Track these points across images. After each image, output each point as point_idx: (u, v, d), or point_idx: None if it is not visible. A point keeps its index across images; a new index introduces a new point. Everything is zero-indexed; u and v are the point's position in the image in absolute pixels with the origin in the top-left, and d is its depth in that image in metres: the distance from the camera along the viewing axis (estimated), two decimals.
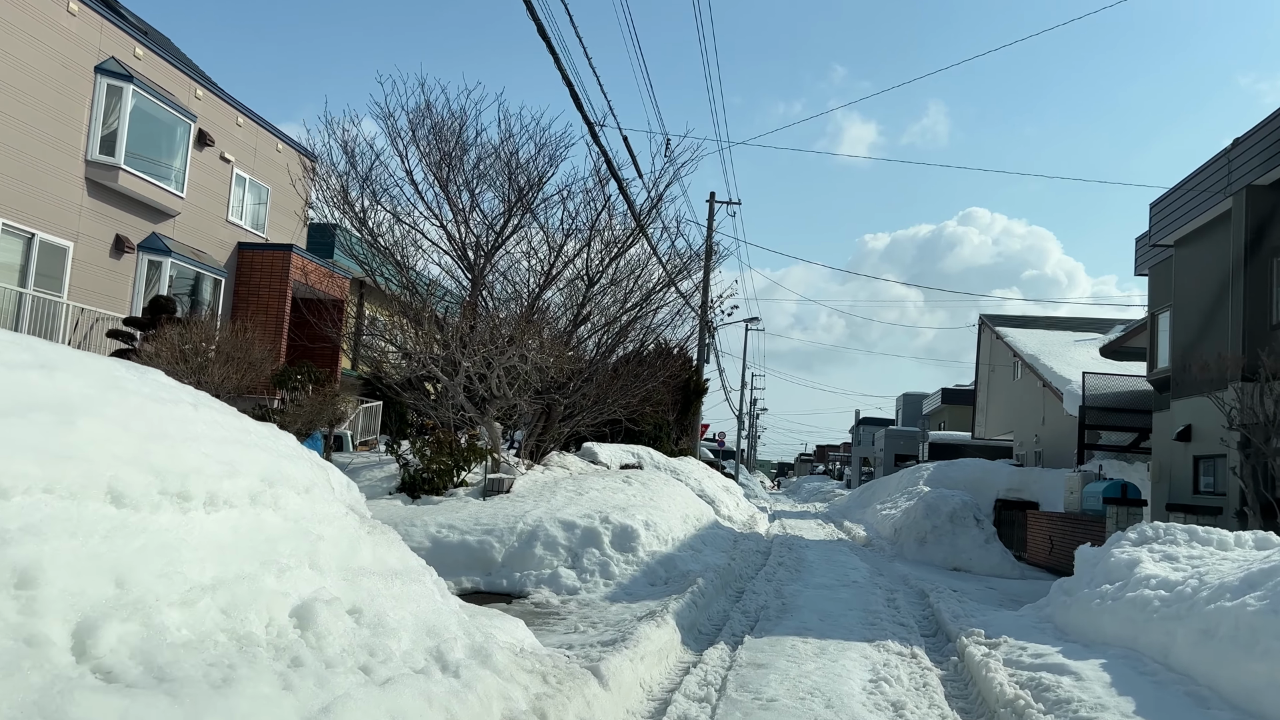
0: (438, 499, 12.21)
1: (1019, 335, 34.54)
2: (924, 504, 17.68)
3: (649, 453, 25.11)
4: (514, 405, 13.76)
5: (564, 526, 10.96)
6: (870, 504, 28.73)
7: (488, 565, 10.54)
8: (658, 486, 14.23)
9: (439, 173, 14.11)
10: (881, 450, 61.80)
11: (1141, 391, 26.08)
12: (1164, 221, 20.16)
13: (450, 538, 10.65)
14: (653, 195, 15.37)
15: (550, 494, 12.44)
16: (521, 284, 16.16)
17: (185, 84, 21.49)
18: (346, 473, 13.75)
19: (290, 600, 3.51)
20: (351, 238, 16.22)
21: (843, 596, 10.00)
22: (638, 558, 10.89)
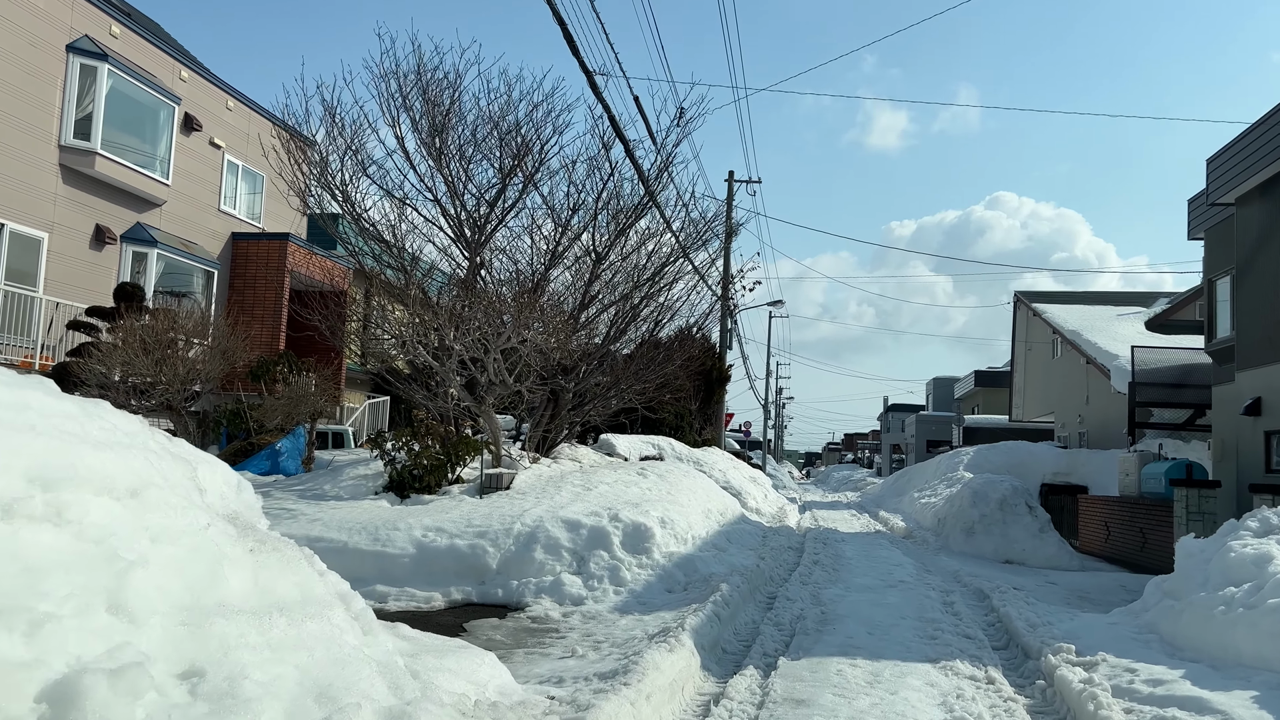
0: (428, 498, 10.90)
1: (1058, 311, 32.79)
2: (970, 491, 16.19)
3: (670, 444, 23.74)
4: (516, 393, 12.41)
5: (568, 526, 9.60)
6: (906, 492, 27.20)
7: (480, 573, 9.21)
8: (676, 479, 12.84)
9: (430, 141, 12.76)
10: (913, 437, 60.15)
11: (1197, 364, 24.35)
12: (1223, 177, 18.47)
13: (437, 542, 9.33)
14: (662, 155, 13.96)
15: (555, 490, 11.08)
16: (524, 262, 14.79)
17: (168, 65, 20.29)
18: (328, 470, 12.52)
19: (43, 673, 2.19)
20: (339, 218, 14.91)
21: (891, 601, 8.59)
22: (652, 560, 9.51)
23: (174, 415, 11.85)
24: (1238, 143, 17.93)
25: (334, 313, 12.64)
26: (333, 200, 12.88)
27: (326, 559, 9.45)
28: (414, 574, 9.16)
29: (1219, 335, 20.20)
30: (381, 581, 9.05)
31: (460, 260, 13.86)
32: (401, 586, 8.98)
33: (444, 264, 14.68)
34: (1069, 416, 31.42)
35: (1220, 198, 18.63)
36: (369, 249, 13.21)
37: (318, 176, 12.62)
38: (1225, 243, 19.57)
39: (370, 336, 11.91)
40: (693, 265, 15.16)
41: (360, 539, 9.34)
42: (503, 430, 17.05)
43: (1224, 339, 19.78)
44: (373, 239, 12.86)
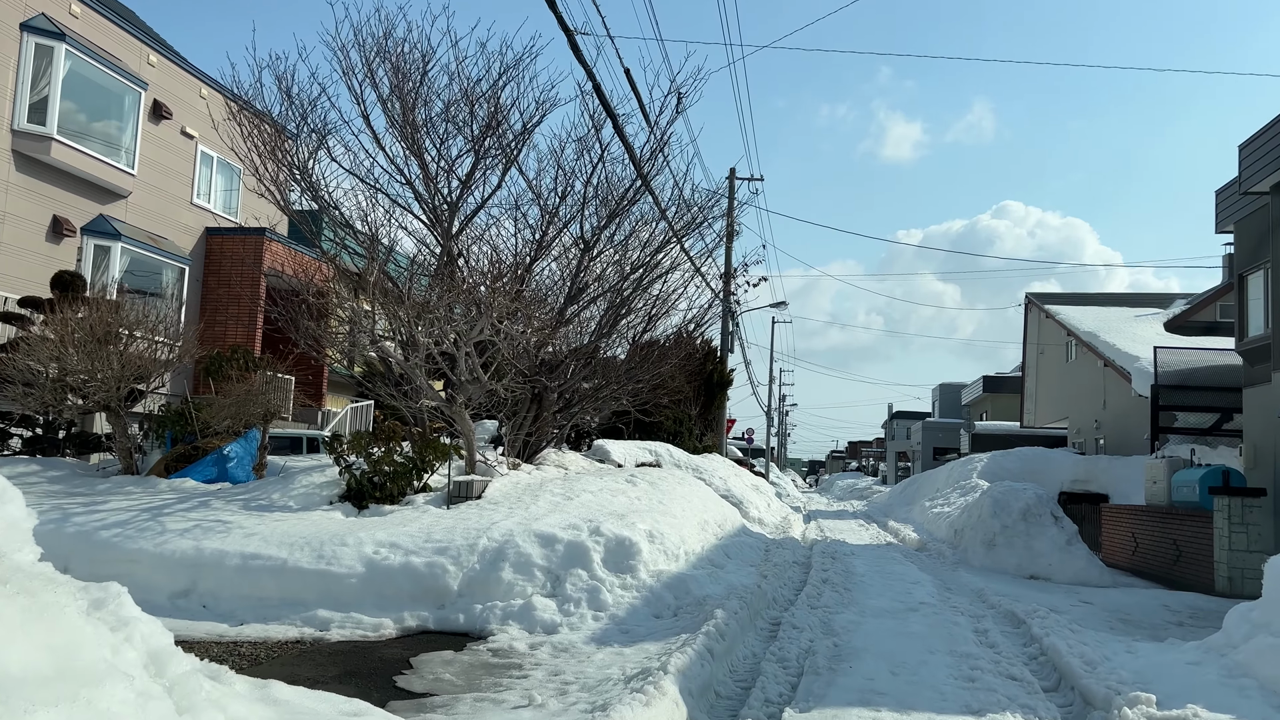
0: (389, 509, 9.69)
1: (1072, 313, 31.53)
2: (990, 500, 14.93)
3: (668, 450, 22.51)
4: (492, 393, 11.20)
5: (542, 541, 8.38)
6: (916, 501, 25.96)
7: (439, 595, 7.99)
8: (669, 486, 11.62)
9: (397, 114, 11.58)
10: (919, 444, 58.84)
11: (1224, 366, 23.11)
12: (1258, 164, 17.24)
13: (391, 560, 8.11)
14: (655, 134, 12.76)
15: (531, 499, 9.87)
16: (507, 250, 13.59)
17: (135, 48, 19.16)
18: (280, 477, 11.33)
19: None
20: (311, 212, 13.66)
21: (915, 629, 7.37)
22: (638, 580, 8.29)
23: (112, 416, 10.67)
24: (1274, 125, 16.72)
25: (297, 307, 11.44)
26: (290, 179, 11.69)
27: (261, 579, 8.27)
28: (363, 596, 7.95)
29: (1251, 334, 18.94)
30: (325, 605, 7.85)
31: (436, 248, 12.66)
32: (348, 611, 7.77)
33: (420, 255, 13.49)
34: (1085, 422, 30.14)
35: (1254, 185, 17.39)
36: (330, 229, 12.02)
37: (270, 152, 11.43)
38: (1259, 234, 18.35)
39: (329, 330, 10.71)
40: (685, 253, 13.95)
41: (302, 556, 8.14)
42: (485, 434, 15.85)
43: (1257, 337, 18.52)
44: (339, 225, 11.68)
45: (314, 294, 10.97)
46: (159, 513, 9.04)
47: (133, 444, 11.03)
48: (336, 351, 10.95)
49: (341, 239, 11.90)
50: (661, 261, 13.62)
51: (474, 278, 10.60)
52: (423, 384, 10.62)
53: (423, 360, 10.49)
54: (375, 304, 10.19)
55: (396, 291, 10.10)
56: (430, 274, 11.62)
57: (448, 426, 11.65)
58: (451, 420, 11.25)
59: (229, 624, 7.60)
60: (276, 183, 11.65)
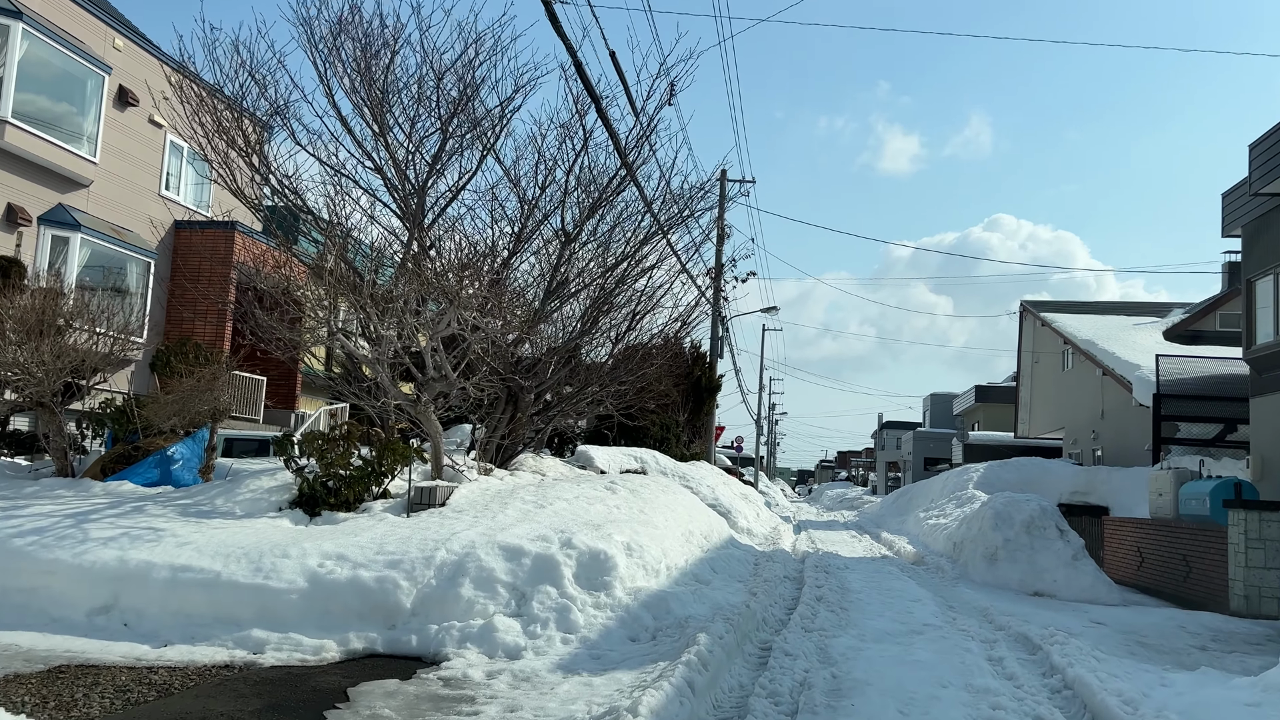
0: (343, 516, 8.85)
1: (1068, 321, 30.88)
2: (992, 512, 14.15)
3: (654, 457, 21.69)
4: (461, 391, 10.37)
5: (507, 554, 7.55)
6: (909, 512, 25.18)
7: (390, 614, 7.15)
8: (652, 495, 10.80)
9: (360, 90, 10.76)
10: (910, 454, 58.20)
11: (1228, 375, 22.44)
12: (1269, 164, 16.57)
13: (338, 574, 7.27)
14: (641, 122, 11.96)
15: (500, 507, 9.03)
16: (481, 240, 12.76)
17: (100, 31, 18.30)
18: (227, 481, 10.49)
19: None
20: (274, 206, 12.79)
21: (922, 656, 6.57)
22: (614, 598, 7.46)
23: (45, 413, 9.80)
24: None
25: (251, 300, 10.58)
26: (240, 158, 10.85)
27: (191, 594, 7.37)
28: (304, 614, 7.10)
29: (1259, 341, 18.25)
30: (262, 624, 7.00)
31: (405, 237, 11.82)
32: (286, 631, 6.92)
33: (389, 247, 12.64)
34: (1082, 432, 29.44)
35: (1264, 187, 16.72)
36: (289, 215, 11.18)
37: (218, 128, 10.60)
38: (1269, 237, 17.69)
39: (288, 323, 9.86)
40: (671, 248, 13.15)
41: (238, 569, 7.28)
42: (463, 438, 14.99)
43: (1266, 345, 17.84)
44: (297, 209, 10.86)
45: (279, 290, 10.11)
46: (85, 519, 8.17)
47: (70, 443, 10.17)
48: (292, 344, 10.10)
49: (302, 225, 11.06)
50: (646, 256, 12.84)
51: (443, 265, 9.76)
52: (386, 381, 9.79)
53: (387, 355, 9.66)
54: (334, 292, 9.37)
55: (354, 279, 9.26)
56: (398, 266, 10.78)
57: (415, 428, 10.81)
58: (418, 421, 10.41)
59: (151, 645, 6.74)
60: (226, 162, 10.82)
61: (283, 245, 10.68)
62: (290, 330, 9.47)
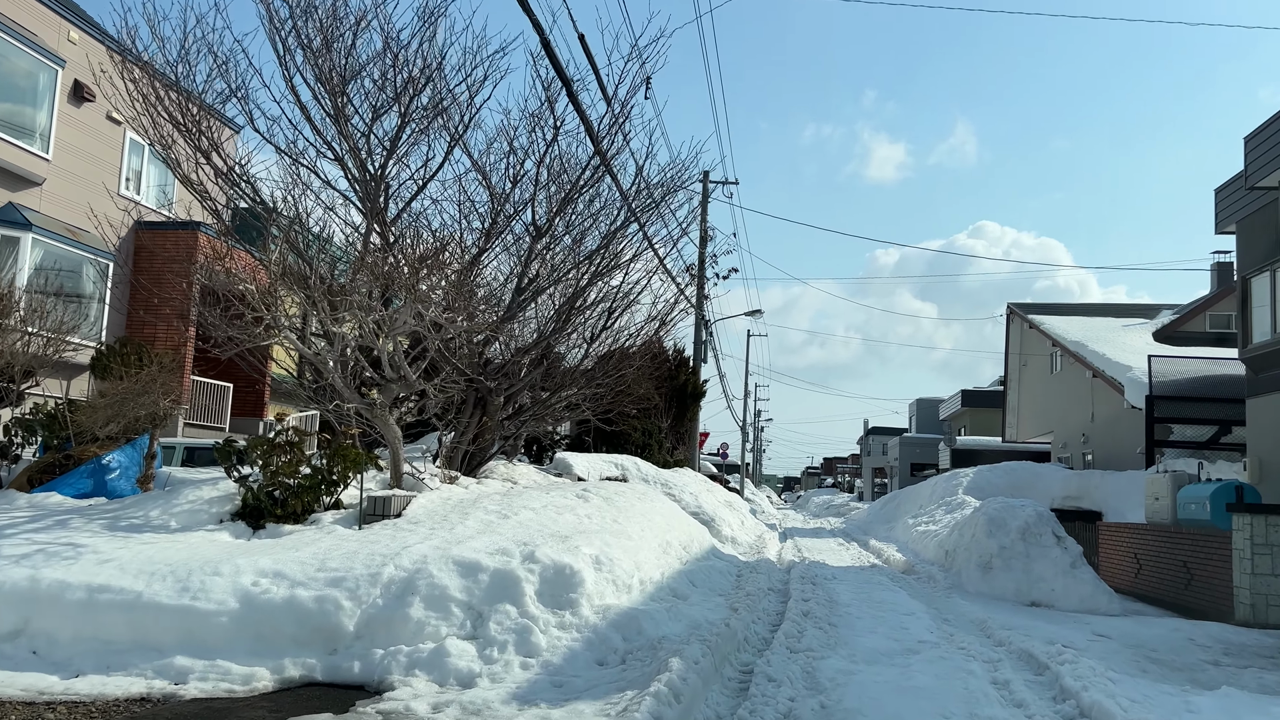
0: (289, 529, 8.14)
1: (1057, 323, 30.39)
2: (985, 518, 13.53)
3: (635, 463, 21.03)
4: (422, 393, 9.68)
5: (462, 570, 6.85)
6: (898, 518, 24.58)
7: (331, 637, 6.44)
8: (627, 502, 10.12)
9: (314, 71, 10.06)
10: (896, 460, 57.76)
11: (1222, 376, 21.96)
12: (1265, 156, 16.08)
13: (273, 593, 6.55)
14: (614, 108, 11.30)
15: (460, 518, 8.33)
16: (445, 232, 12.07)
17: (52, 22, 17.54)
18: (167, 487, 9.76)
19: None
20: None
21: (920, 681, 5.92)
22: (580, 617, 6.78)
23: None
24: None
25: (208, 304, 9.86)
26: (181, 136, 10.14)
27: (109, 618, 6.56)
28: (235, 639, 6.39)
29: (1255, 340, 17.74)
30: (187, 650, 6.28)
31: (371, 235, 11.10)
32: (213, 658, 6.21)
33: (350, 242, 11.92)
34: (1071, 435, 28.93)
35: (1261, 180, 16.23)
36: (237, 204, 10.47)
37: (157, 101, 9.90)
38: (1265, 233, 17.20)
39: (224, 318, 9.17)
40: (647, 238, 12.47)
41: (162, 588, 6.56)
42: (424, 446, 14.27)
43: (1263, 344, 17.32)
44: (243, 195, 10.15)
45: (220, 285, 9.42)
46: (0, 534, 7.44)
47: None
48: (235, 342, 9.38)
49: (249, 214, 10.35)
50: (623, 250, 12.16)
51: (401, 257, 9.06)
52: (340, 382, 9.08)
53: (339, 354, 8.97)
54: (276, 285, 8.69)
55: (303, 270, 8.57)
56: (356, 260, 10.08)
57: (370, 432, 10.11)
58: (374, 426, 9.71)
59: (60, 675, 6.02)
60: (163, 142, 10.13)
61: (222, 234, 9.98)
62: (231, 326, 8.77)
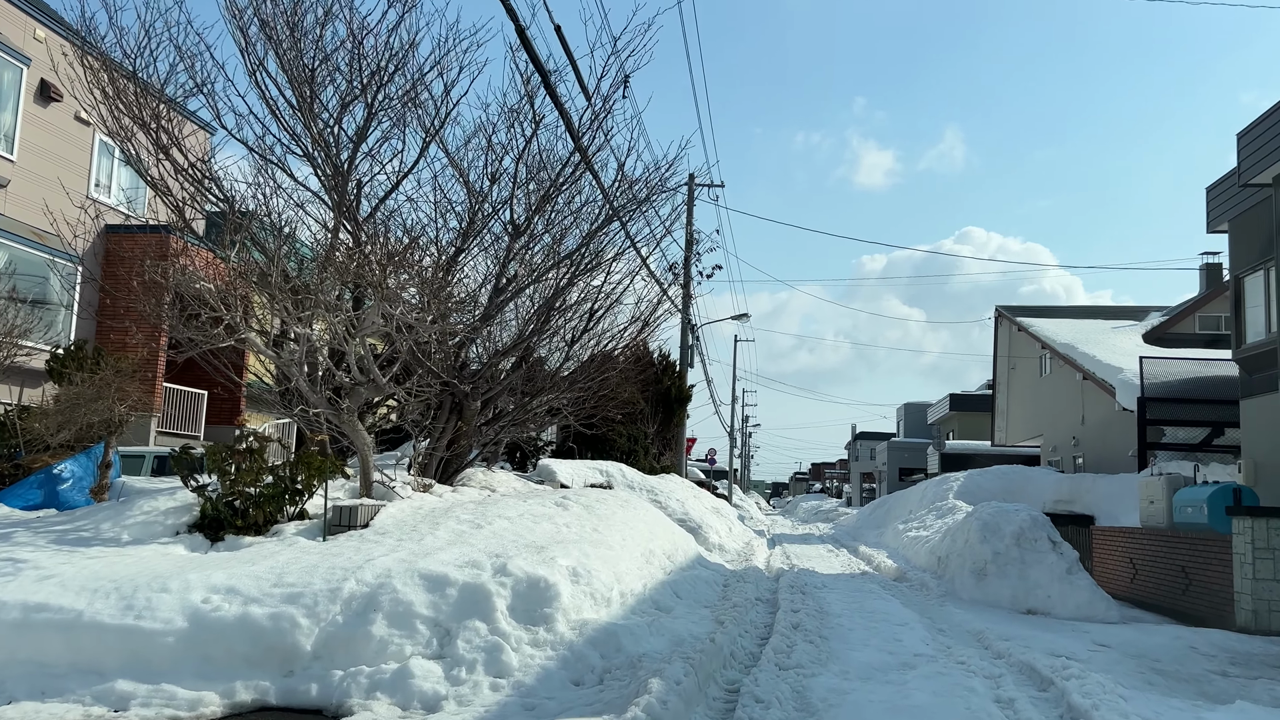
0: (250, 540, 7.68)
1: (1045, 325, 30.12)
2: (979, 523, 13.17)
3: (621, 470, 20.60)
4: (393, 397, 9.24)
5: (428, 584, 6.42)
6: (887, 524, 24.22)
7: (287, 658, 5.99)
8: (609, 510, 9.70)
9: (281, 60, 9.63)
10: (884, 465, 57.51)
11: (1214, 378, 21.69)
12: (1259, 153, 15.80)
13: (224, 611, 6.10)
14: (594, 104, 10.90)
15: (430, 528, 7.89)
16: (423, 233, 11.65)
17: (17, 19, 17.05)
18: (121, 498, 9.31)
19: None
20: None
21: (919, 700, 5.51)
22: (555, 634, 6.35)
23: None
24: (1276, 111, 15.31)
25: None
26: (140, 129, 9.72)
27: (46, 639, 5.98)
28: (182, 660, 5.93)
29: (1249, 340, 17.47)
30: (130, 674, 5.82)
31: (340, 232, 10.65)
32: (158, 682, 5.75)
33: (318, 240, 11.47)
34: (1061, 439, 28.65)
35: (1254, 177, 15.93)
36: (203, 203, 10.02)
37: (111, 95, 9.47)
38: (1259, 231, 16.92)
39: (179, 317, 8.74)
40: (629, 236, 12.06)
41: (105, 607, 6.10)
42: (398, 454, 13.81)
43: (1257, 343, 17.04)
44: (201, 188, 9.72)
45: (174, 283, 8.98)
46: None
47: None
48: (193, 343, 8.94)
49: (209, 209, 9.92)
50: (604, 249, 11.76)
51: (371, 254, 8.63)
52: (304, 386, 8.63)
53: (304, 356, 8.52)
54: (239, 282, 8.25)
55: (263, 268, 8.12)
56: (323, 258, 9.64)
57: (341, 439, 9.66)
58: (345, 433, 9.26)
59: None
60: (121, 135, 9.69)
61: (176, 228, 9.54)
62: (189, 327, 8.33)
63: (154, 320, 10.21)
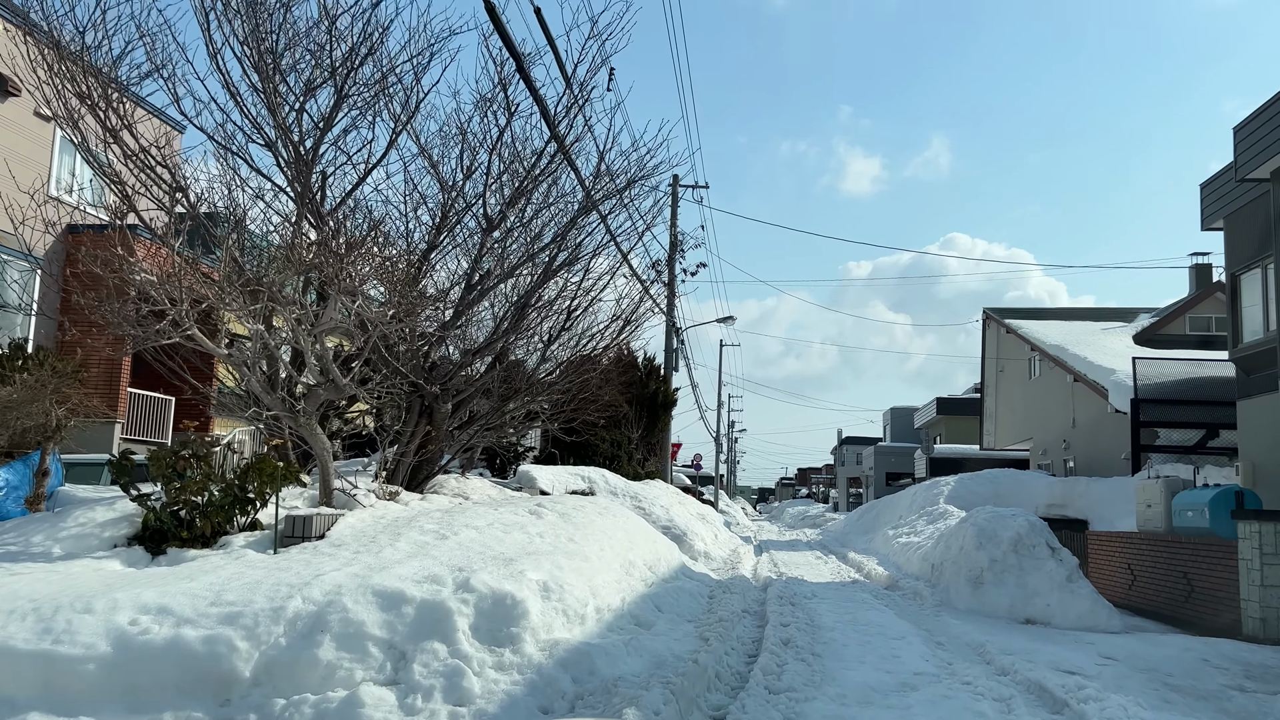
0: (195, 553, 7.07)
1: (1034, 327, 29.75)
2: (974, 529, 12.65)
3: (603, 476, 20.04)
4: (354, 399, 8.64)
5: (383, 602, 5.82)
6: (876, 529, 23.72)
7: (224, 685, 5.39)
8: (587, 518, 9.12)
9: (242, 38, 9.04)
10: (871, 469, 57.13)
11: (1208, 378, 21.31)
12: (1256, 146, 15.39)
13: (154, 633, 5.49)
14: (573, 87, 10.33)
15: (391, 539, 7.29)
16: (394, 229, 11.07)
17: None
18: (57, 509, 8.67)
19: None
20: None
21: None
22: (522, 655, 5.76)
23: None
24: (1275, 104, 14.91)
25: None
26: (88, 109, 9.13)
27: None
28: (104, 690, 5.32)
29: (1246, 340, 17.07)
30: (44, 705, 5.21)
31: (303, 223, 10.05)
32: (76, 715, 5.15)
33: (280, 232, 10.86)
34: (1052, 442, 28.23)
35: (1251, 172, 15.53)
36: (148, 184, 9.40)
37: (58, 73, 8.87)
38: (1256, 228, 16.53)
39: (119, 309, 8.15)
40: (608, 230, 11.48)
41: (20, 630, 5.48)
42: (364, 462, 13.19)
43: (1254, 343, 16.65)
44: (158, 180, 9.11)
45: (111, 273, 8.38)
46: None
47: None
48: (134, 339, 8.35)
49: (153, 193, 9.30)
50: (582, 243, 11.20)
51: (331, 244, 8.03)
52: (258, 386, 8.03)
53: (257, 354, 7.92)
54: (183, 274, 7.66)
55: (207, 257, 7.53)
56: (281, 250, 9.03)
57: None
58: (303, 437, 8.65)
59: None
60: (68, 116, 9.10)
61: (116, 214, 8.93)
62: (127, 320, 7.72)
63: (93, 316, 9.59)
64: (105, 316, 8.02)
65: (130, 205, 8.68)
